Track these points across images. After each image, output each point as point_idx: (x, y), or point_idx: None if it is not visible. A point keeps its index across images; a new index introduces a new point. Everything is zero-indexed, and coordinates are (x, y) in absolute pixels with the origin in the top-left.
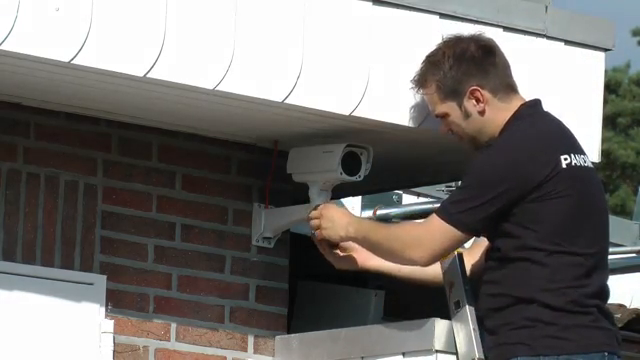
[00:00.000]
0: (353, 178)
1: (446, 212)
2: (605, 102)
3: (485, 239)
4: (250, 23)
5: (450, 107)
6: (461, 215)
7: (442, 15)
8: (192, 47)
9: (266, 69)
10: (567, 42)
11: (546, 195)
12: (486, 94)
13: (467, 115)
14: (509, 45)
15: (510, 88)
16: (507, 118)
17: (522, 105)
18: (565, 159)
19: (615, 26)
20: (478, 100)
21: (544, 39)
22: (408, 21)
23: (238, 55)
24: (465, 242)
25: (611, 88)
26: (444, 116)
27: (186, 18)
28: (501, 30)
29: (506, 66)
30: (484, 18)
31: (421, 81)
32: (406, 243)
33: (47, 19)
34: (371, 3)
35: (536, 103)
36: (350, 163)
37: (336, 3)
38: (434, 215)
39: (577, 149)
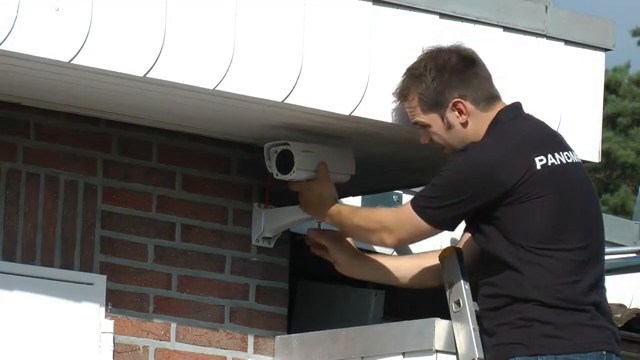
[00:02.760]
0: (288, 176)
1: (417, 204)
2: (605, 102)
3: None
4: (250, 23)
5: (432, 119)
6: (429, 210)
7: (442, 15)
8: (192, 47)
9: (266, 69)
10: (567, 42)
11: (524, 197)
12: (469, 105)
13: (449, 127)
14: (509, 45)
15: (492, 97)
16: (488, 125)
17: (501, 110)
18: (540, 160)
19: (615, 26)
20: (461, 112)
21: (544, 39)
22: (408, 21)
23: (238, 55)
24: (434, 234)
25: (611, 88)
26: (425, 127)
27: (186, 18)
28: (501, 30)
29: (488, 76)
30: (484, 18)
31: (403, 94)
32: (378, 228)
33: (47, 19)
34: (371, 3)
35: (515, 107)
36: (287, 161)
37: (336, 3)
38: (407, 203)
39: (558, 148)
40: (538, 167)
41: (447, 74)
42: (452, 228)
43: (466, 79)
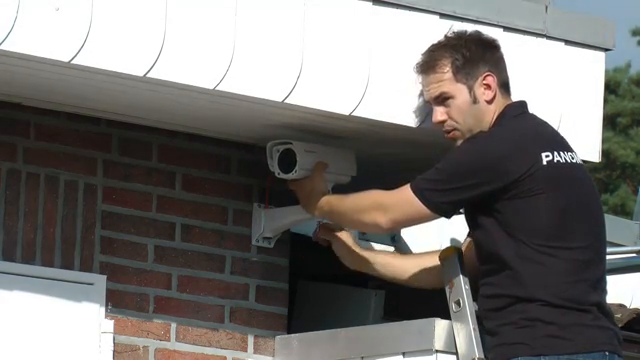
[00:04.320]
0: (290, 175)
1: (417, 186)
2: (605, 102)
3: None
4: (250, 23)
5: (459, 90)
6: (429, 192)
7: (442, 15)
8: (192, 47)
9: (266, 69)
10: (567, 42)
11: (527, 192)
12: (496, 83)
13: (475, 101)
14: (509, 45)
15: (508, 87)
16: (497, 115)
17: (508, 105)
18: (547, 156)
19: (615, 26)
20: (488, 87)
21: (544, 39)
22: (408, 21)
23: (238, 55)
24: (431, 219)
25: (611, 88)
26: (448, 98)
27: (186, 18)
28: (501, 30)
29: (506, 65)
30: (484, 18)
31: (431, 64)
32: (372, 207)
33: (47, 19)
34: (371, 3)
35: (522, 104)
36: (289, 161)
37: (336, 3)
38: (406, 185)
39: (562, 147)
40: (544, 163)
41: (481, 49)
42: (449, 215)
43: (496, 58)
